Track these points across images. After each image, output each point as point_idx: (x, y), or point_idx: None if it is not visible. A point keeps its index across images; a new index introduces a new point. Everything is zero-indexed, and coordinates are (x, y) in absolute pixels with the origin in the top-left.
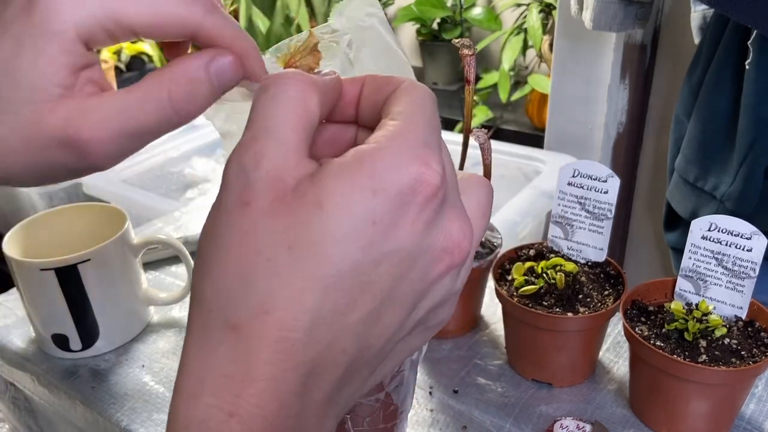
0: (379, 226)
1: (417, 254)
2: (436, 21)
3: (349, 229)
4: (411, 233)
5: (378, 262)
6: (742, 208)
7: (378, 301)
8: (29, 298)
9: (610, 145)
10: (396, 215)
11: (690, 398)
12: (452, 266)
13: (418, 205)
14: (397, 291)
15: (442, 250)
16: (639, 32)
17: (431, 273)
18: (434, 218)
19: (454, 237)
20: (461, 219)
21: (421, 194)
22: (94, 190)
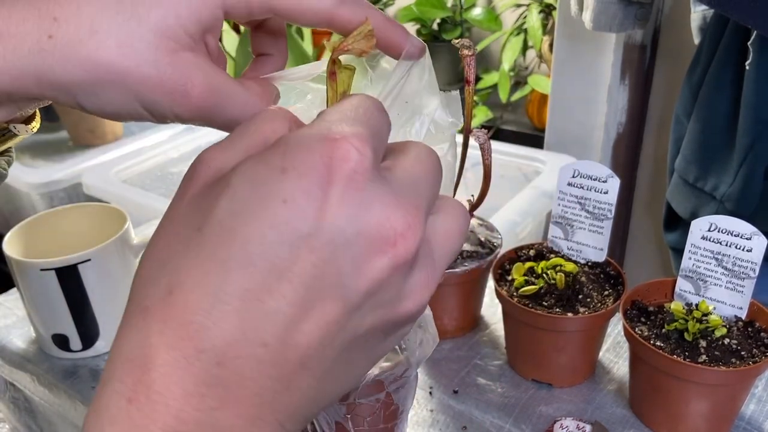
0: (291, 205)
1: (343, 240)
2: (436, 21)
3: (256, 208)
4: (332, 214)
5: (293, 246)
6: (742, 209)
7: (300, 291)
8: (29, 298)
9: (610, 145)
10: (309, 193)
11: (690, 398)
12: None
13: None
14: (324, 281)
15: (379, 239)
16: (639, 32)
17: (367, 265)
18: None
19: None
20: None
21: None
22: (94, 190)
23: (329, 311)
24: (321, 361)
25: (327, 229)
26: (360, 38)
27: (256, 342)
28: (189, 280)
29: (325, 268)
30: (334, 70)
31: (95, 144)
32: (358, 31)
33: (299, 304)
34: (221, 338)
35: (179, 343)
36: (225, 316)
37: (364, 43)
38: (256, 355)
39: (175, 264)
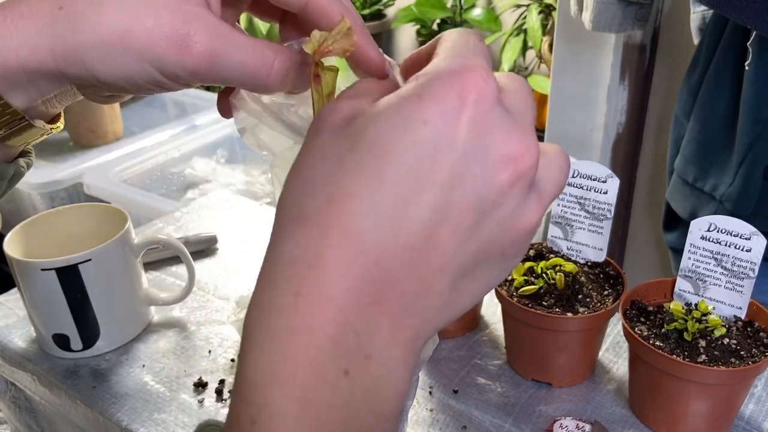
0: (429, 126)
1: (475, 155)
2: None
3: (400, 128)
4: (465, 133)
5: (434, 159)
6: (741, 209)
7: (441, 198)
8: (30, 298)
9: (609, 145)
10: (445, 115)
11: (689, 398)
12: (517, 175)
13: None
14: (460, 191)
15: (504, 156)
16: (638, 33)
17: (495, 178)
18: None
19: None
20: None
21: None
22: (95, 190)
23: (464, 217)
24: (454, 268)
25: (461, 145)
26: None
27: (407, 245)
28: (346, 190)
29: (460, 178)
30: (317, 73)
31: (96, 144)
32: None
33: (440, 211)
34: (378, 241)
35: (342, 245)
36: (381, 222)
37: (344, 42)
38: (406, 257)
39: (329, 178)
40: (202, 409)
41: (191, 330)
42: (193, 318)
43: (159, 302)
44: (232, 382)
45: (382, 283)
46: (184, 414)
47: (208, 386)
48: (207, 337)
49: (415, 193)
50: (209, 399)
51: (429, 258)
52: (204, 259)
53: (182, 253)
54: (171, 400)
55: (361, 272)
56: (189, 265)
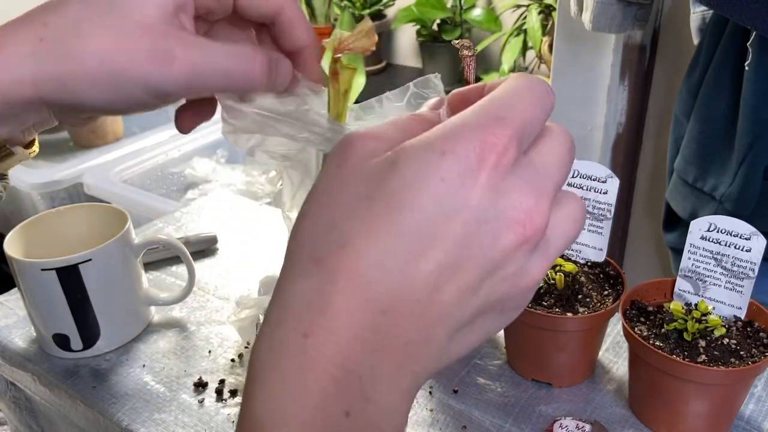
0: (447, 184)
1: (486, 217)
2: (436, 22)
3: (419, 183)
4: (479, 195)
5: (448, 217)
6: (741, 209)
7: (449, 256)
8: (30, 298)
9: (609, 145)
10: (463, 176)
11: (689, 398)
12: (523, 239)
13: (485, 170)
14: (468, 251)
15: (512, 220)
16: (638, 33)
17: (501, 241)
18: (504, 186)
19: (524, 209)
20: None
21: (488, 160)
22: (95, 190)
23: (469, 276)
24: (454, 321)
25: (474, 207)
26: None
27: (412, 297)
28: (361, 237)
29: (470, 239)
30: (336, 70)
31: (96, 144)
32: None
33: (447, 267)
34: (387, 291)
35: (353, 293)
36: (392, 272)
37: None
38: (411, 308)
39: (346, 224)
40: (202, 409)
41: (191, 330)
42: (193, 318)
43: (159, 302)
44: (232, 382)
45: (387, 332)
46: (184, 414)
47: (208, 386)
48: (207, 337)
49: (426, 248)
50: (209, 399)
51: (432, 311)
52: (204, 259)
53: (182, 253)
54: (171, 400)
55: (368, 321)
56: (189, 265)
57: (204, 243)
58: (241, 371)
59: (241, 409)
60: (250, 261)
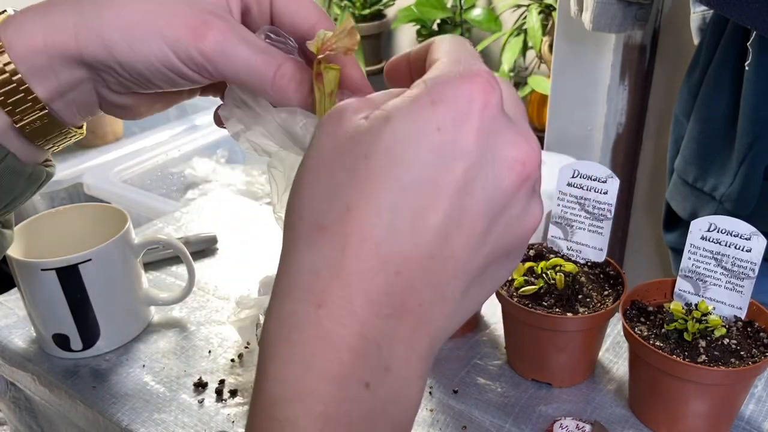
0: (443, 133)
1: (485, 160)
2: (436, 22)
3: (416, 135)
4: (476, 138)
5: (448, 167)
6: (741, 209)
7: (455, 206)
8: (30, 298)
9: (609, 145)
10: (458, 123)
11: (689, 398)
12: (525, 177)
13: (478, 114)
14: (472, 197)
15: (512, 159)
16: (638, 33)
17: (504, 181)
18: (497, 128)
19: (521, 147)
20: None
21: (479, 103)
22: (95, 190)
23: (476, 223)
24: (467, 273)
25: (473, 152)
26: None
27: (425, 254)
28: (365, 199)
29: (472, 184)
30: (320, 71)
31: (96, 144)
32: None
33: (455, 218)
34: (399, 251)
35: (364, 257)
36: (401, 231)
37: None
38: (424, 266)
39: (347, 187)
40: (202, 409)
41: (191, 330)
42: (193, 318)
43: (159, 302)
44: (232, 382)
45: (402, 294)
46: (184, 414)
47: (208, 386)
48: (207, 337)
49: (432, 200)
50: (209, 399)
51: (445, 265)
52: (204, 259)
53: (182, 253)
54: (171, 400)
55: (383, 284)
56: (189, 265)
57: (204, 243)
58: (241, 371)
59: (254, 390)
60: (250, 261)
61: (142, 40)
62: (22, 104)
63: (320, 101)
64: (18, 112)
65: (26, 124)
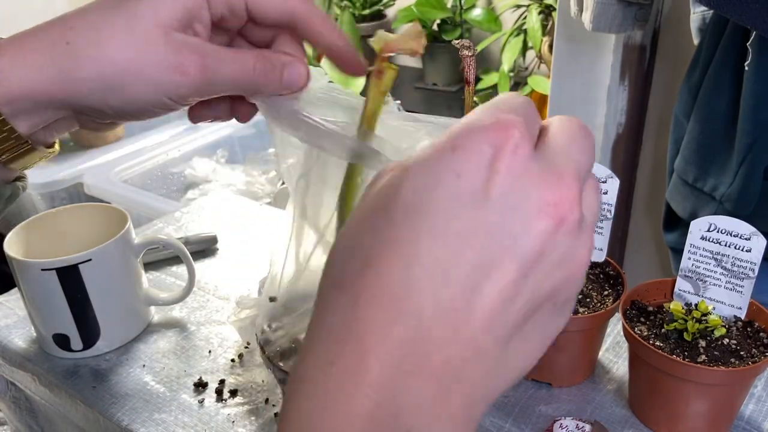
0: (464, 179)
1: (512, 206)
2: (436, 22)
3: (433, 183)
4: (500, 185)
5: (470, 214)
6: (741, 209)
7: (481, 255)
8: (30, 298)
9: (609, 145)
10: (479, 168)
11: (689, 398)
12: (559, 219)
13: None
14: (500, 245)
15: (543, 203)
16: (638, 33)
17: (535, 226)
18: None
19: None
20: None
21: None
22: (95, 190)
23: (507, 272)
24: (503, 327)
25: (497, 197)
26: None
27: (447, 308)
28: (382, 253)
29: (499, 232)
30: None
31: (96, 144)
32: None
33: (481, 268)
34: (416, 305)
35: (377, 312)
36: (418, 284)
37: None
38: (447, 319)
39: (366, 243)
40: (202, 409)
41: (191, 330)
42: (193, 318)
43: (159, 302)
44: (232, 382)
45: (423, 350)
46: (184, 414)
47: (208, 386)
48: (207, 337)
49: (454, 252)
50: (209, 399)
51: (473, 318)
52: (204, 259)
53: (182, 253)
54: (171, 400)
55: (399, 341)
56: (189, 265)
57: (204, 243)
58: (241, 371)
59: None
60: (250, 261)
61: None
62: (5, 142)
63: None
64: (1, 149)
65: (10, 158)
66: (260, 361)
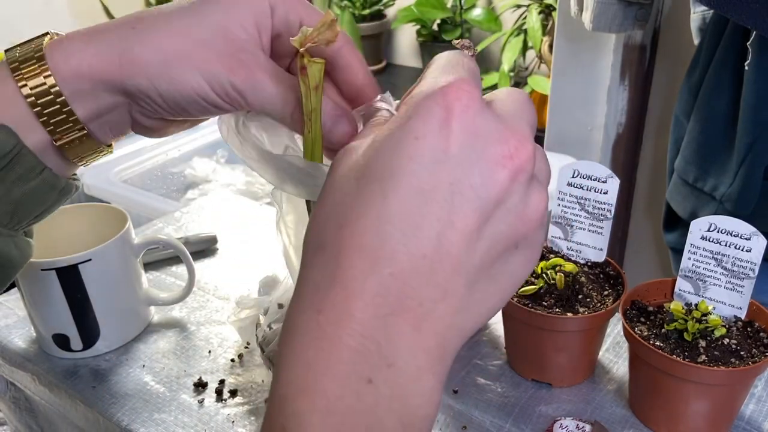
0: (421, 140)
1: (470, 159)
2: (437, 22)
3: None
4: (456, 142)
5: (431, 171)
6: (741, 209)
7: (444, 207)
8: (30, 298)
9: (609, 145)
10: (434, 128)
11: (689, 398)
12: (515, 169)
13: (454, 117)
14: (461, 196)
15: (499, 155)
16: (638, 33)
17: (493, 177)
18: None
19: (508, 142)
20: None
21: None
22: (95, 190)
23: (469, 220)
24: (469, 268)
25: (455, 154)
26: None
27: (418, 254)
28: (354, 213)
29: (460, 185)
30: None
31: None
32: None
33: (445, 219)
34: (390, 253)
35: (356, 263)
36: (390, 236)
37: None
38: (418, 266)
39: (341, 207)
40: (202, 409)
41: (191, 330)
42: (193, 318)
43: (159, 302)
44: (232, 382)
45: (398, 293)
46: (184, 414)
47: (208, 386)
48: (207, 337)
49: (419, 205)
50: (209, 399)
51: (442, 263)
52: (204, 259)
53: (182, 253)
54: (171, 400)
55: (376, 285)
56: (189, 265)
57: (204, 243)
58: (241, 371)
59: (270, 392)
60: (250, 261)
61: (182, 74)
62: (64, 125)
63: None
64: (59, 132)
65: (65, 143)
66: (260, 361)
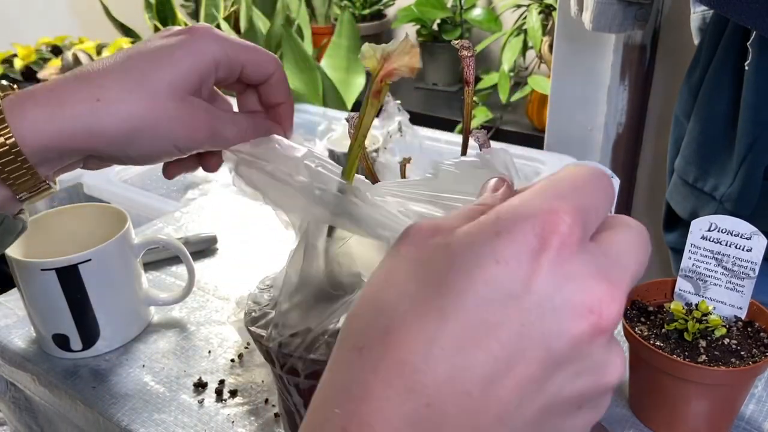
0: (503, 266)
1: (549, 304)
2: (437, 22)
3: (471, 265)
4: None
5: (504, 303)
6: (741, 209)
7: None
8: (30, 298)
9: (609, 145)
10: (521, 258)
11: (689, 398)
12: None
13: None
14: (529, 341)
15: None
16: (638, 33)
17: (570, 330)
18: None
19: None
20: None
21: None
22: (95, 190)
23: (531, 370)
24: (516, 420)
25: (536, 292)
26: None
27: (462, 390)
28: (406, 324)
29: (531, 328)
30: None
31: None
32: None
33: (504, 360)
34: (432, 381)
35: (393, 381)
36: (437, 361)
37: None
38: (460, 402)
39: (393, 309)
40: (202, 409)
41: (191, 330)
42: (193, 318)
43: (159, 302)
44: (231, 382)
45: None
46: (184, 414)
47: (208, 386)
48: (207, 338)
49: (480, 338)
50: (209, 399)
51: (487, 407)
52: (204, 259)
53: (182, 253)
54: (171, 401)
55: (410, 413)
56: (189, 265)
57: (204, 243)
58: (241, 371)
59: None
60: (250, 261)
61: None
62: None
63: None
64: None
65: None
66: (260, 361)
